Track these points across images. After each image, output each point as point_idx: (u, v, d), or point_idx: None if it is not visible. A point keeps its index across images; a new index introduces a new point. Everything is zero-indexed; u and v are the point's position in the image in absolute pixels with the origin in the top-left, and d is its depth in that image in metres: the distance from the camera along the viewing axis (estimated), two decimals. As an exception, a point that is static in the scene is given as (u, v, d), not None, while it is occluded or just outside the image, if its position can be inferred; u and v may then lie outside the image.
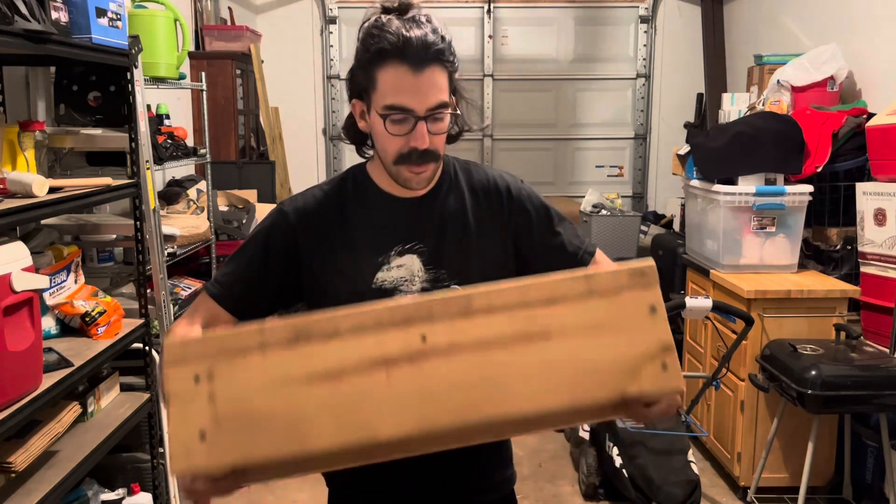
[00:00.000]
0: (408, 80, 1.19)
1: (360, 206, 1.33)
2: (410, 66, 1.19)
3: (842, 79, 3.44)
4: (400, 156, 1.23)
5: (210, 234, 3.36)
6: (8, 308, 1.64)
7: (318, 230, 1.31)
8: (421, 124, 1.21)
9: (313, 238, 1.31)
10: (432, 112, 1.21)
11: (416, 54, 1.18)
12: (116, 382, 2.40)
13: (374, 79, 1.21)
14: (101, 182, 2.13)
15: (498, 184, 1.37)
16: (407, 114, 1.20)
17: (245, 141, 4.42)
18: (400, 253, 1.29)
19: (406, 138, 1.22)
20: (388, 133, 1.22)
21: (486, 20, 5.44)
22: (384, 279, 1.28)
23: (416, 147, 1.22)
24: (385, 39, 1.19)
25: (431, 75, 1.20)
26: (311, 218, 1.32)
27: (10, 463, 1.74)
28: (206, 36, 4.20)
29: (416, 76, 1.19)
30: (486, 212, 1.34)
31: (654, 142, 5.55)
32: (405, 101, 1.20)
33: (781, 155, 3.15)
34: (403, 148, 1.23)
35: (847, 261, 3.10)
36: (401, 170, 1.25)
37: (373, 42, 1.20)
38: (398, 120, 1.21)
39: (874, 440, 2.81)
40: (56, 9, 1.87)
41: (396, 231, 1.31)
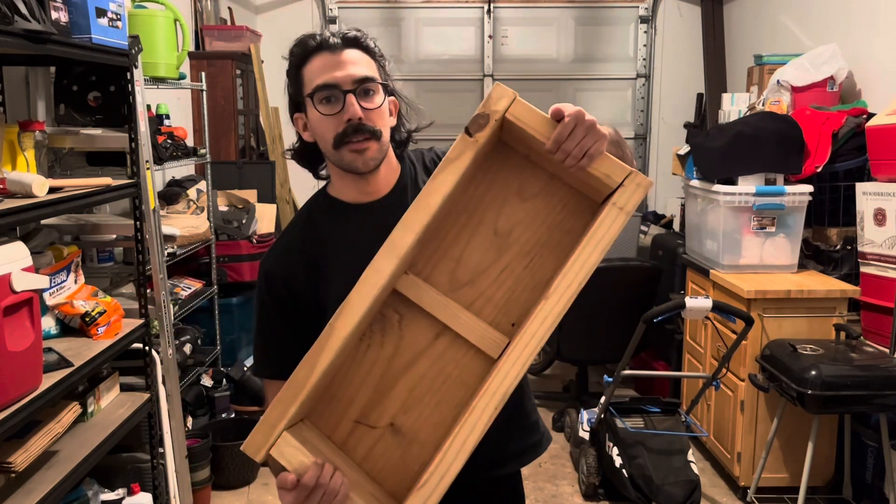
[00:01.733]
0: (328, 60, 1.26)
1: (334, 228, 1.35)
2: (329, 51, 1.27)
3: (842, 79, 3.44)
4: (337, 137, 1.26)
5: (210, 234, 3.36)
6: (8, 308, 1.63)
7: (308, 269, 1.33)
8: (350, 97, 1.25)
9: (306, 278, 1.33)
10: (358, 84, 1.25)
11: (333, 42, 1.27)
12: (116, 382, 2.40)
13: (302, 77, 1.28)
14: (101, 182, 2.13)
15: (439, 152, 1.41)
16: (333, 89, 1.25)
17: (245, 141, 4.42)
18: None
19: (339, 116, 1.25)
20: (322, 115, 1.26)
21: (486, 20, 5.44)
22: None
23: (351, 119, 1.25)
24: (304, 44, 1.29)
25: (351, 54, 1.27)
26: (296, 261, 1.34)
27: (10, 463, 1.74)
28: (206, 36, 4.20)
29: (335, 55, 1.26)
30: None
31: (654, 142, 5.54)
32: (328, 78, 1.25)
33: (781, 155, 3.15)
34: (338, 126, 1.26)
35: (847, 261, 3.10)
36: (342, 153, 1.27)
37: (296, 52, 1.29)
38: (326, 98, 1.25)
39: (874, 440, 2.81)
40: (56, 9, 1.87)
41: (376, 236, 1.29)
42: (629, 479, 2.90)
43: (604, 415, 3.07)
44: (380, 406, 1.17)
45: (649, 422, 3.04)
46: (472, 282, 1.18)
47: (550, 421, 3.86)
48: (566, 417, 3.72)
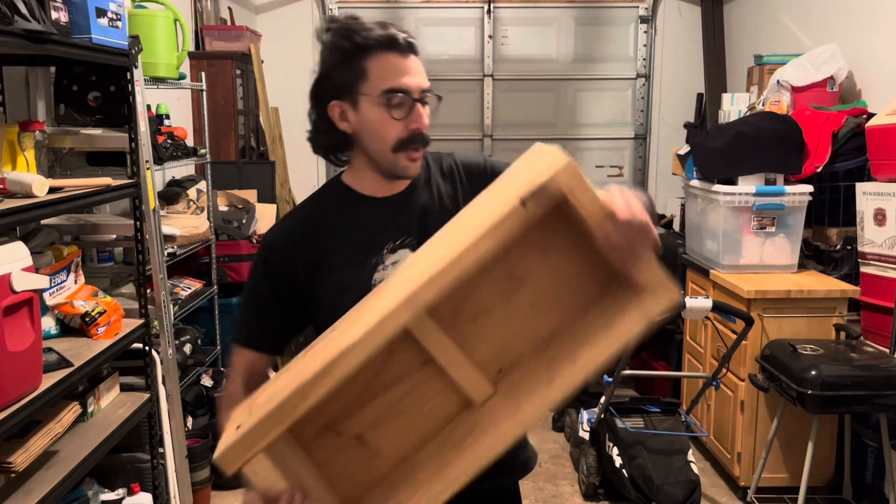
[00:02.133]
0: (399, 63, 1.26)
1: (343, 216, 1.35)
2: (399, 53, 1.26)
3: (842, 79, 3.44)
4: (399, 142, 1.27)
5: (210, 234, 3.36)
6: (8, 308, 1.63)
7: (307, 249, 1.34)
8: (419, 106, 1.27)
9: (305, 258, 1.33)
10: (424, 94, 1.27)
11: (401, 44, 1.26)
12: (116, 382, 2.40)
13: (365, 70, 1.26)
14: (101, 182, 2.13)
15: (469, 163, 1.42)
16: (406, 95, 1.25)
17: (245, 141, 4.42)
18: (392, 250, 1.33)
19: (405, 122, 1.26)
20: (391, 118, 1.26)
21: (486, 20, 5.44)
22: (382, 279, 1.31)
23: (419, 128, 1.27)
24: (368, 33, 1.25)
25: (416, 61, 1.28)
26: (297, 239, 1.35)
27: (10, 463, 1.74)
28: (206, 36, 4.20)
29: (405, 59, 1.26)
30: (460, 192, 1.39)
31: (654, 142, 5.54)
32: (403, 83, 1.25)
33: (781, 155, 3.15)
34: (403, 132, 1.27)
35: (847, 261, 3.10)
36: (399, 157, 1.29)
37: (354, 37, 1.25)
38: (398, 103, 1.25)
39: (874, 440, 2.81)
40: (56, 9, 1.87)
41: (384, 230, 1.34)
42: (629, 479, 2.90)
43: (604, 415, 3.07)
44: (353, 417, 1.15)
45: (649, 422, 3.04)
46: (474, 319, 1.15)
47: (550, 421, 3.87)
48: (566, 417, 3.72)
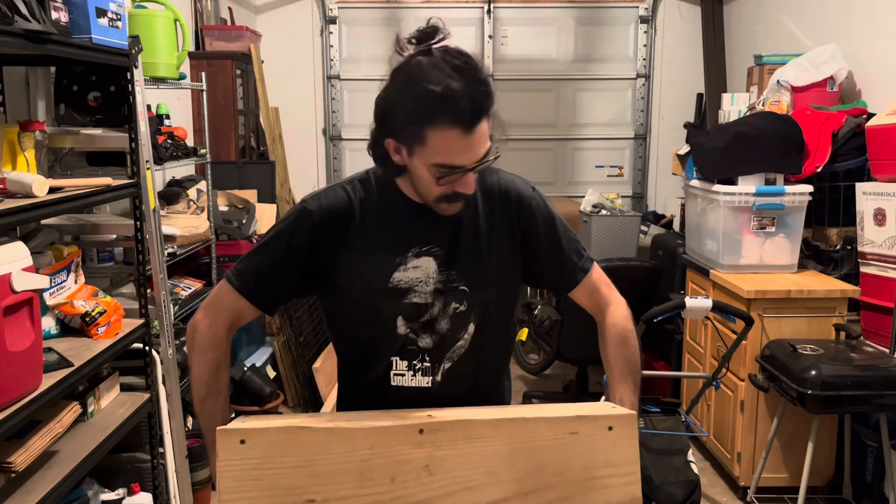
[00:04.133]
0: (461, 142, 1.20)
1: (380, 208, 1.36)
2: (464, 129, 1.19)
3: (842, 79, 3.44)
4: (443, 196, 1.28)
5: (210, 234, 3.35)
6: (8, 308, 1.63)
7: (340, 228, 1.35)
8: (470, 175, 1.26)
9: (335, 236, 1.35)
10: (480, 163, 1.25)
11: (469, 116, 1.19)
12: (116, 382, 2.40)
13: (423, 136, 1.21)
14: (101, 182, 2.13)
15: (509, 190, 1.41)
16: (457, 170, 1.24)
17: (245, 141, 4.42)
18: (417, 255, 1.34)
19: (451, 185, 1.26)
20: (437, 185, 1.26)
21: (486, 20, 5.44)
22: (400, 279, 1.33)
23: (463, 192, 1.28)
24: (435, 100, 1.17)
25: (482, 130, 1.22)
26: (334, 216, 1.35)
27: (10, 463, 1.74)
28: (206, 36, 4.20)
29: (468, 137, 1.20)
30: (497, 216, 1.39)
31: (654, 142, 5.55)
32: (457, 161, 1.23)
33: (781, 155, 3.15)
34: (447, 192, 1.27)
35: (847, 261, 3.10)
36: (439, 205, 1.31)
37: (422, 99, 1.18)
38: (447, 174, 1.24)
39: (874, 440, 2.81)
40: (56, 9, 1.87)
41: (414, 234, 1.35)
42: (629, 479, 2.90)
43: (604, 415, 3.07)
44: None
45: (649, 422, 3.04)
46: None
47: (550, 421, 3.86)
48: (566, 417, 3.72)
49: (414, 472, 1.13)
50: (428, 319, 1.35)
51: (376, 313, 1.35)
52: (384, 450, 1.13)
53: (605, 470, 1.14)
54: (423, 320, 1.35)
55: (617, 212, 4.75)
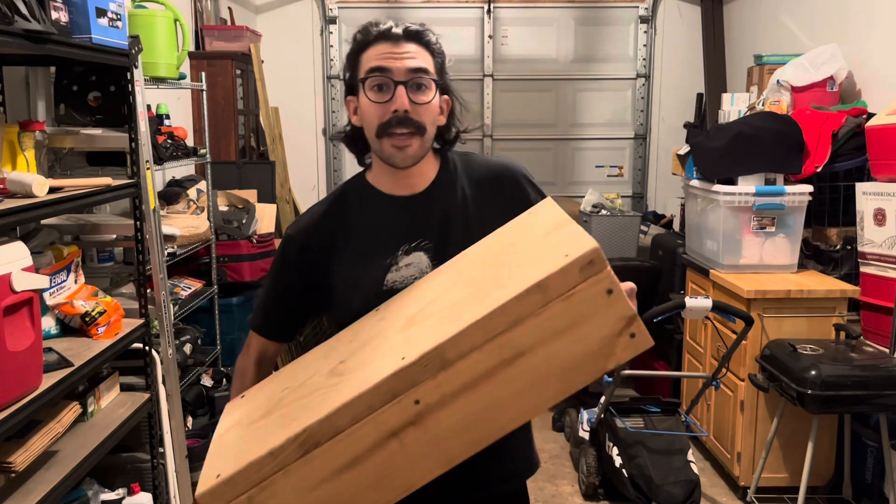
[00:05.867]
0: (386, 48, 1.28)
1: (362, 213, 1.36)
2: (390, 41, 1.29)
3: (842, 79, 3.44)
4: (381, 126, 1.27)
5: (210, 234, 3.36)
6: (8, 308, 1.63)
7: (325, 243, 1.35)
8: (400, 88, 1.26)
9: (321, 251, 1.35)
10: (412, 76, 1.27)
11: (395, 33, 1.29)
12: (116, 382, 2.40)
13: (360, 61, 1.30)
14: (101, 182, 2.13)
15: (499, 171, 1.40)
16: (385, 76, 1.26)
17: (245, 141, 4.42)
18: (407, 252, 1.32)
19: (386, 105, 1.26)
20: (370, 100, 1.27)
21: (486, 20, 5.44)
22: (395, 280, 1.31)
23: (397, 110, 1.26)
24: (368, 30, 1.31)
25: (410, 48, 1.29)
26: (316, 233, 1.36)
27: (10, 463, 1.74)
28: (206, 36, 4.20)
29: (394, 46, 1.28)
30: (488, 200, 1.36)
31: (654, 142, 5.55)
32: (383, 63, 1.27)
33: (781, 155, 3.15)
34: (384, 115, 1.26)
35: (847, 261, 3.10)
36: (384, 144, 1.29)
37: (358, 37, 1.32)
38: (377, 84, 1.27)
39: (874, 440, 2.81)
40: (56, 9, 1.87)
41: (401, 231, 1.33)
42: (629, 479, 2.90)
43: (604, 415, 3.07)
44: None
45: (649, 422, 3.04)
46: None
47: (550, 421, 3.87)
48: (566, 417, 3.72)
49: (370, 324, 1.23)
50: None
51: None
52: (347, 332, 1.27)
53: (537, 231, 1.15)
54: None
55: (617, 212, 4.75)
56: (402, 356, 1.02)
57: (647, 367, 4.03)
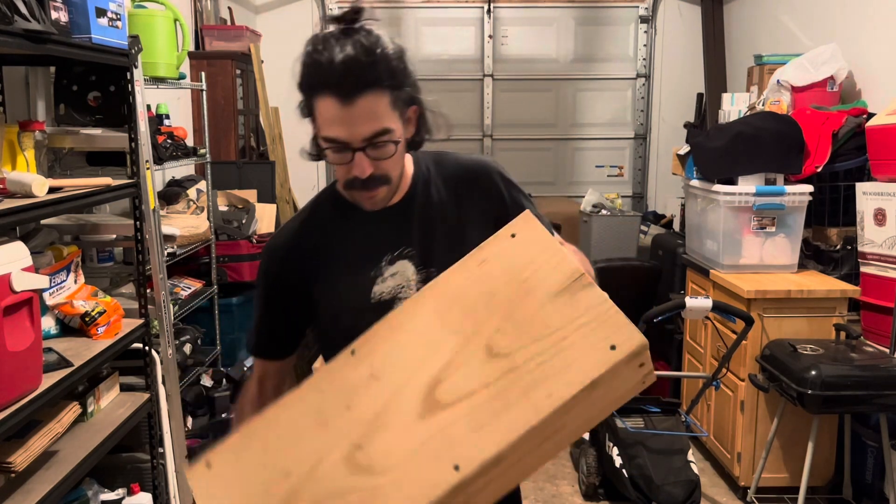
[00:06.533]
0: (338, 112, 1.14)
1: (340, 226, 1.32)
2: (339, 98, 1.13)
3: (842, 79, 3.44)
4: (347, 182, 1.23)
5: (210, 234, 3.36)
6: (8, 308, 1.63)
7: (306, 259, 1.31)
8: (359, 155, 1.17)
9: (303, 269, 1.31)
10: (370, 141, 1.17)
11: (343, 85, 1.13)
12: (116, 382, 2.40)
13: (313, 108, 1.19)
14: (101, 182, 2.13)
15: (472, 169, 1.36)
16: (342, 146, 1.17)
17: (245, 141, 4.42)
18: (391, 261, 1.29)
19: (348, 167, 1.19)
20: (331, 163, 1.21)
21: (486, 20, 5.44)
22: (381, 291, 1.28)
23: (358, 177, 1.20)
24: (315, 69, 1.15)
25: (364, 104, 1.14)
26: (296, 250, 1.32)
27: (10, 463, 1.74)
28: (206, 36, 4.20)
29: (346, 108, 1.14)
30: (465, 199, 1.33)
31: (654, 142, 5.55)
32: (338, 134, 1.16)
33: (781, 155, 3.15)
34: (346, 175, 1.21)
35: (847, 261, 3.10)
36: (353, 194, 1.25)
37: (307, 70, 1.17)
38: (336, 150, 1.18)
39: (874, 440, 2.81)
40: (56, 9, 1.87)
41: (382, 241, 1.30)
42: (629, 479, 2.90)
43: (604, 415, 3.07)
44: None
45: (649, 422, 3.04)
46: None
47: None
48: (566, 417, 3.72)
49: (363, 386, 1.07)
50: None
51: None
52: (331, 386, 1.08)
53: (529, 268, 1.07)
54: None
55: (617, 212, 4.75)
56: (455, 465, 0.95)
57: (647, 367, 4.03)
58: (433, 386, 1.03)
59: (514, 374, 1.00)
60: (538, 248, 1.09)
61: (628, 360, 0.96)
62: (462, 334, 1.05)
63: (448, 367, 1.03)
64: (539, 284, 1.06)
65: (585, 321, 1.01)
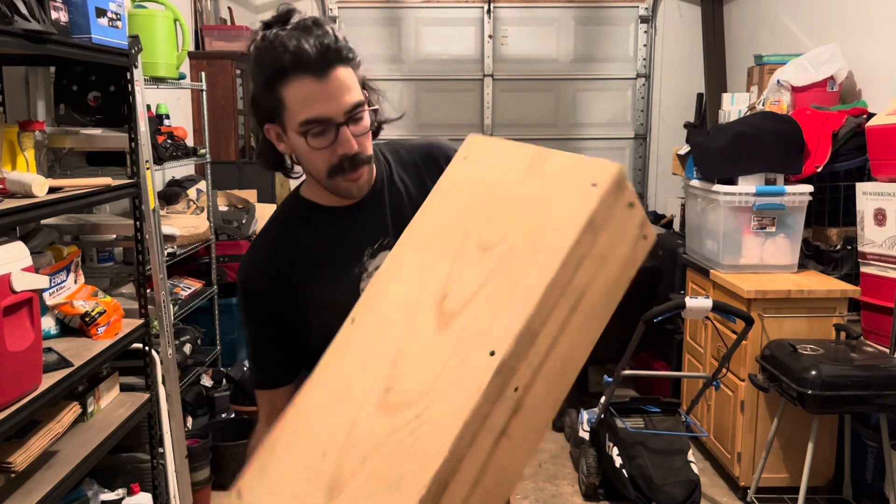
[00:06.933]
0: (315, 89, 1.14)
1: (311, 233, 1.29)
2: (314, 75, 1.13)
3: (842, 79, 3.44)
4: (331, 168, 1.20)
5: (210, 234, 3.36)
6: (8, 308, 1.63)
7: (283, 279, 1.28)
8: (343, 130, 1.17)
9: (282, 288, 1.28)
10: (351, 114, 1.17)
11: (315, 61, 1.12)
12: (116, 382, 2.40)
13: (281, 99, 1.15)
14: (101, 182, 2.13)
15: (427, 149, 1.35)
16: (325, 124, 1.15)
17: (245, 141, 4.41)
18: (372, 255, 1.28)
19: (332, 149, 1.18)
20: (312, 149, 1.18)
21: (486, 20, 5.44)
22: None
23: (347, 154, 1.18)
24: (279, 56, 1.13)
25: (338, 77, 1.15)
26: (270, 272, 1.28)
27: (10, 463, 1.74)
28: (206, 36, 4.20)
29: (322, 83, 1.14)
30: (428, 180, 1.31)
31: (654, 142, 5.54)
32: (320, 111, 1.15)
33: (781, 155, 3.15)
34: (332, 159, 1.19)
35: (847, 261, 3.10)
36: (337, 182, 1.22)
37: (268, 62, 1.14)
38: (318, 132, 1.16)
39: (874, 440, 2.81)
40: (56, 9, 1.87)
41: (358, 237, 1.28)
42: (629, 479, 2.90)
43: (604, 415, 3.07)
44: None
45: (649, 422, 3.04)
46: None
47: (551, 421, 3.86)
48: (566, 417, 3.72)
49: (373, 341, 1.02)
50: None
51: None
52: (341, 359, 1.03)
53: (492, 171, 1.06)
54: None
55: (617, 212, 4.74)
56: (490, 350, 0.90)
57: (647, 367, 4.04)
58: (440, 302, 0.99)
59: (512, 254, 0.97)
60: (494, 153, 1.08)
61: (614, 192, 0.94)
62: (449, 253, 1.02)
63: (447, 281, 1.00)
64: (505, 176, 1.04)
65: (561, 181, 0.99)
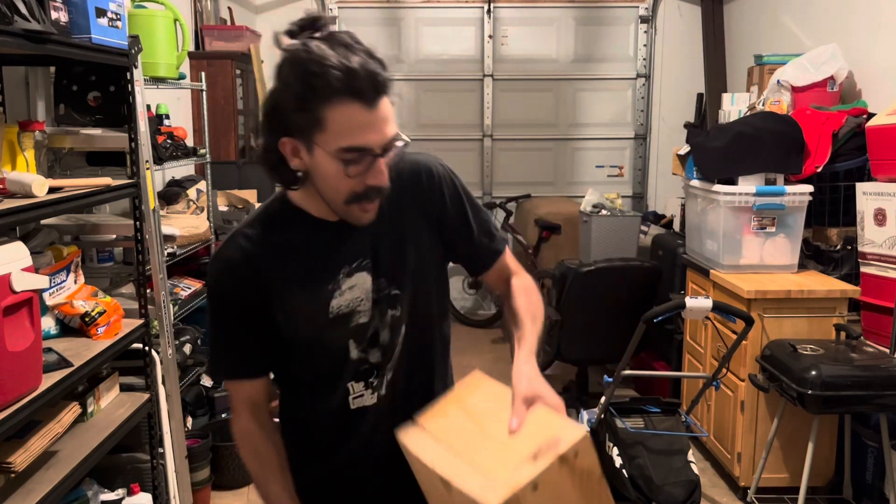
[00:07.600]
0: (365, 117, 1.11)
1: (293, 239, 1.27)
2: (364, 103, 1.10)
3: (842, 79, 3.44)
4: (354, 195, 1.18)
5: (210, 234, 3.35)
6: (8, 308, 1.63)
7: (258, 278, 1.25)
8: (379, 161, 1.15)
9: (258, 285, 1.25)
10: (388, 146, 1.16)
11: (366, 89, 1.10)
12: (116, 382, 2.40)
13: (321, 118, 1.11)
14: (101, 182, 2.13)
15: (419, 169, 1.32)
16: (364, 153, 1.13)
17: (245, 141, 4.41)
18: (348, 274, 1.26)
19: (362, 177, 1.16)
20: (347, 176, 1.15)
21: (486, 20, 5.44)
22: (339, 305, 1.25)
23: (375, 185, 1.17)
24: (329, 75, 1.08)
25: (384, 107, 1.13)
26: (245, 274, 1.25)
27: (10, 463, 1.74)
28: (206, 36, 4.20)
29: (371, 112, 1.11)
30: (409, 202, 1.30)
31: (654, 142, 5.55)
32: (365, 141, 1.12)
33: (782, 155, 3.15)
34: (358, 187, 1.17)
35: (847, 261, 3.10)
36: (352, 209, 1.20)
37: (315, 78, 1.09)
38: (353, 160, 1.13)
39: (874, 440, 2.81)
40: (56, 9, 1.87)
41: (338, 254, 1.26)
42: (629, 479, 2.90)
43: (604, 415, 3.07)
44: None
45: (649, 422, 3.04)
46: None
47: (550, 421, 3.86)
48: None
49: None
50: (373, 334, 1.28)
51: (326, 346, 1.27)
52: None
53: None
54: (369, 336, 1.28)
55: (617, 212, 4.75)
56: None
57: (647, 368, 4.04)
58: None
59: None
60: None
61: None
62: None
63: None
64: None
65: None
